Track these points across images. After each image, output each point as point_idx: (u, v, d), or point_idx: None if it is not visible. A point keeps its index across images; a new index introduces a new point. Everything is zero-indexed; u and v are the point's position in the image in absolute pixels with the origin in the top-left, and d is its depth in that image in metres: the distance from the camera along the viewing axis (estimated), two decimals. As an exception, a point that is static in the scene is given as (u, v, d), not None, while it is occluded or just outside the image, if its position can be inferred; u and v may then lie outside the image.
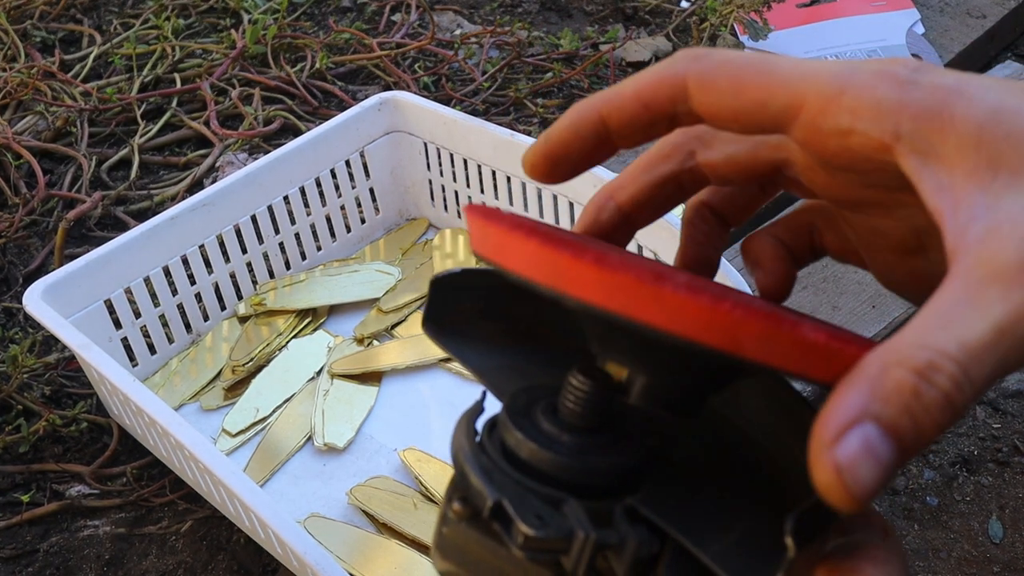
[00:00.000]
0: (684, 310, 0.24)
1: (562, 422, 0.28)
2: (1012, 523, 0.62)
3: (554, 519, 0.26)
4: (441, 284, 0.34)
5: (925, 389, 0.22)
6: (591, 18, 1.19)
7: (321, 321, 0.78)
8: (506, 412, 0.29)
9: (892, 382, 0.22)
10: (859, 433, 0.22)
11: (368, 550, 0.60)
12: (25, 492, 0.69)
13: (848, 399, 0.23)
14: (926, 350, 0.23)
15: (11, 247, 0.90)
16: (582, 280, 0.25)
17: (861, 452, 0.22)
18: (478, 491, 0.27)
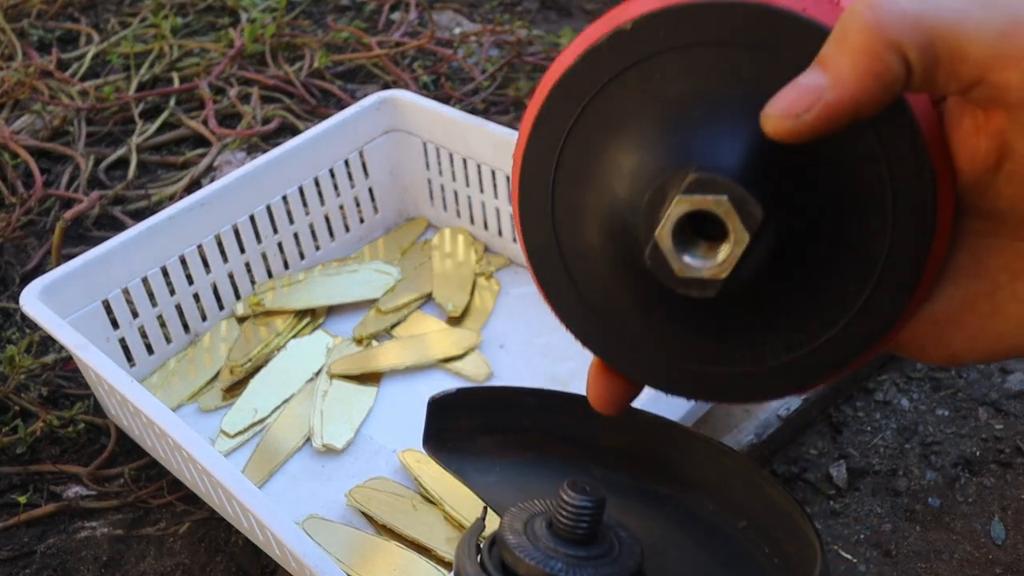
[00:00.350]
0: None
1: (557, 537, 0.30)
2: (1014, 524, 0.62)
3: None
4: (438, 404, 0.36)
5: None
6: (591, 16, 1.18)
7: (320, 321, 0.78)
8: (503, 531, 0.31)
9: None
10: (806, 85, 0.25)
11: (367, 551, 0.60)
12: (22, 493, 0.69)
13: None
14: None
15: (8, 247, 0.90)
16: None
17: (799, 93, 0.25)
18: None
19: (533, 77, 1.06)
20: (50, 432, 0.72)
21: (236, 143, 0.98)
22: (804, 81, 0.25)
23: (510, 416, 0.37)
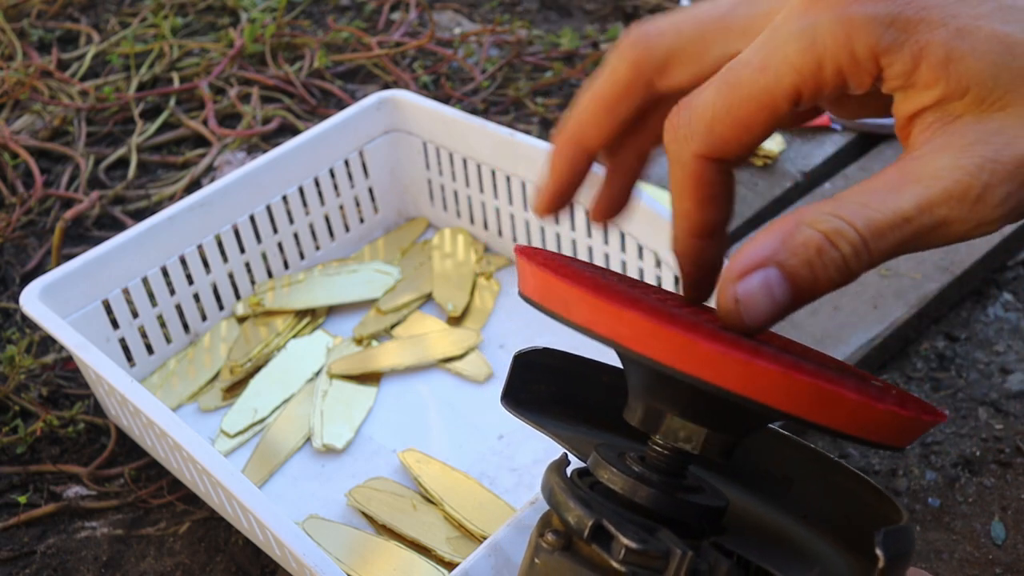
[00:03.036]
0: (725, 365, 0.25)
1: (651, 466, 0.31)
2: (1014, 524, 0.62)
3: (651, 540, 0.28)
4: (522, 361, 0.36)
5: (828, 249, 0.26)
6: (591, 16, 1.18)
7: (320, 321, 0.78)
8: (598, 455, 0.31)
9: (801, 238, 0.26)
10: (762, 274, 0.27)
11: (367, 551, 0.60)
12: (22, 493, 0.69)
13: (760, 245, 0.27)
14: (837, 219, 0.26)
15: (8, 247, 0.90)
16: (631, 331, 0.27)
17: (759, 289, 0.26)
18: (577, 517, 0.29)
19: (533, 77, 1.06)
20: (50, 432, 0.72)
21: (236, 143, 0.98)
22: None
23: (582, 390, 0.37)
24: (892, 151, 0.87)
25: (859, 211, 0.26)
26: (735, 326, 0.27)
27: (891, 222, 0.26)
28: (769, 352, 0.26)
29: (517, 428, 0.68)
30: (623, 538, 0.28)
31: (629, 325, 0.27)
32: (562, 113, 0.99)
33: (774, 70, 0.27)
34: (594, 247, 0.74)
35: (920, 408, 0.27)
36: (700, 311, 0.32)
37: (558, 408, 0.37)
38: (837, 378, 0.26)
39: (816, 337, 0.70)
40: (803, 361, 0.27)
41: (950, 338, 0.74)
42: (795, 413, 0.25)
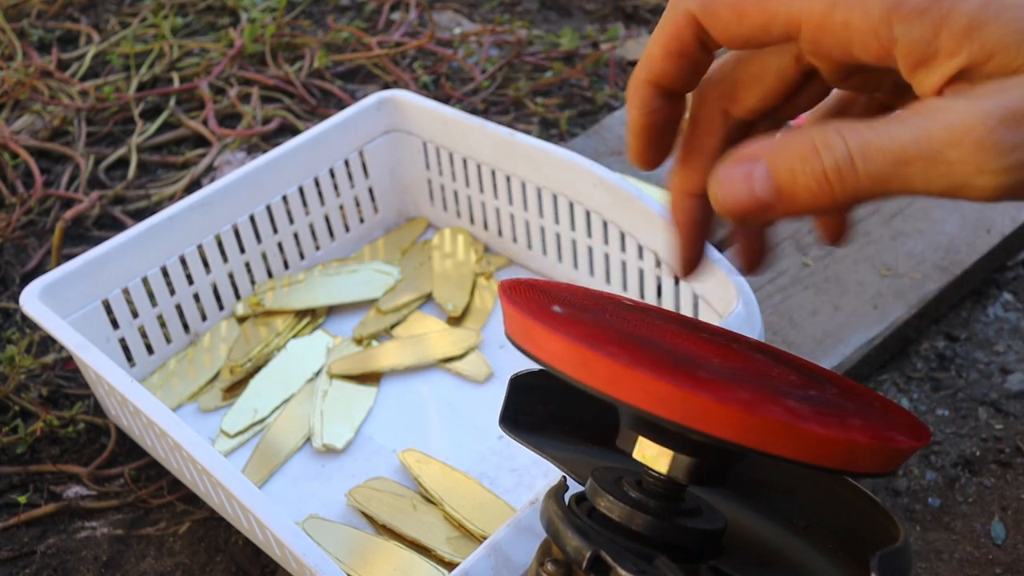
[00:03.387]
0: (703, 409, 0.26)
1: (647, 492, 0.31)
2: (1014, 524, 0.62)
3: (648, 569, 0.28)
4: (518, 384, 0.37)
5: (811, 158, 0.26)
6: (591, 16, 1.18)
7: (320, 321, 0.78)
8: (595, 482, 0.32)
9: (796, 144, 0.27)
10: (747, 166, 0.27)
11: (367, 552, 0.60)
12: (22, 493, 0.69)
13: (761, 141, 0.28)
14: (835, 133, 0.26)
15: (8, 247, 0.90)
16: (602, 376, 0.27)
17: (740, 177, 0.27)
18: (575, 548, 0.29)
19: (533, 77, 1.06)
20: (50, 432, 0.72)
21: (236, 143, 0.98)
22: None
23: (579, 409, 0.38)
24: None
25: (857, 129, 0.26)
26: (717, 209, 0.28)
27: (884, 146, 0.26)
28: (744, 392, 0.26)
29: (517, 428, 0.68)
30: (621, 570, 0.28)
31: (608, 373, 0.27)
32: (562, 113, 0.99)
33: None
34: (594, 247, 0.74)
35: (901, 430, 0.27)
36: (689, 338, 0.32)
37: (556, 428, 0.37)
38: (810, 411, 0.26)
39: (816, 337, 0.70)
40: (786, 394, 0.27)
41: (950, 338, 0.74)
42: (769, 451, 0.26)
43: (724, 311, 0.62)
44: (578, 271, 0.76)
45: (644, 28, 1.14)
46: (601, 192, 0.70)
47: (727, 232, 0.36)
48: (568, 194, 0.73)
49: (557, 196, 0.74)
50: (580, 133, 0.96)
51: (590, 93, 1.02)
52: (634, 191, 0.68)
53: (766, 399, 0.26)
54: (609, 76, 1.04)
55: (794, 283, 0.75)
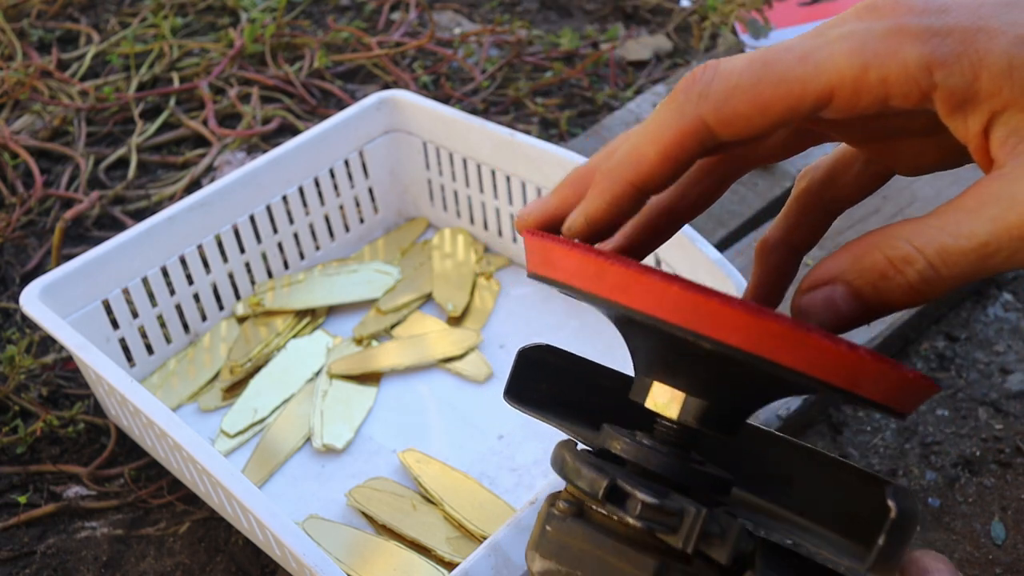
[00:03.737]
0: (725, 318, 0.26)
1: (660, 439, 0.31)
2: (1014, 524, 0.62)
3: (668, 493, 0.29)
4: (525, 358, 0.37)
5: (894, 275, 0.26)
6: (591, 17, 1.18)
7: (320, 321, 0.78)
8: (610, 428, 0.32)
9: (869, 261, 0.27)
10: (827, 290, 0.27)
11: (367, 551, 0.60)
12: (22, 493, 0.68)
13: (831, 264, 0.27)
14: (908, 245, 0.26)
15: (8, 247, 0.90)
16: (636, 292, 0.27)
17: (821, 303, 0.27)
18: (590, 480, 0.29)
19: (533, 77, 1.06)
20: (50, 432, 0.72)
21: (236, 143, 0.98)
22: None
23: (582, 391, 0.38)
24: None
25: (933, 236, 0.26)
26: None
27: (964, 248, 0.25)
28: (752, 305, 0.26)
29: (517, 428, 0.68)
30: (639, 494, 0.28)
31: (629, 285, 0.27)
32: (562, 113, 0.99)
33: (815, 63, 0.26)
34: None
35: (910, 371, 0.27)
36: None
37: (558, 407, 0.37)
38: (818, 330, 0.26)
39: (816, 337, 0.70)
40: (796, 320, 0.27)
41: (950, 338, 0.74)
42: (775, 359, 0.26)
43: (724, 311, 0.62)
44: (578, 271, 0.76)
45: (644, 28, 1.14)
46: (601, 192, 0.70)
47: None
48: (568, 194, 0.73)
49: (557, 196, 0.74)
50: (580, 133, 0.96)
51: (590, 93, 1.02)
52: (634, 191, 0.68)
53: (781, 317, 0.26)
54: (609, 76, 1.04)
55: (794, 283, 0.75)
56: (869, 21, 0.26)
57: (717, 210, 0.82)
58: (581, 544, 0.30)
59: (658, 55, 1.08)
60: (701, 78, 0.28)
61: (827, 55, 0.26)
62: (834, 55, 0.26)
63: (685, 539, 0.28)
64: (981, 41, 0.25)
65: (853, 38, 0.26)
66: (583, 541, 0.30)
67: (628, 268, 0.27)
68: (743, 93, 0.27)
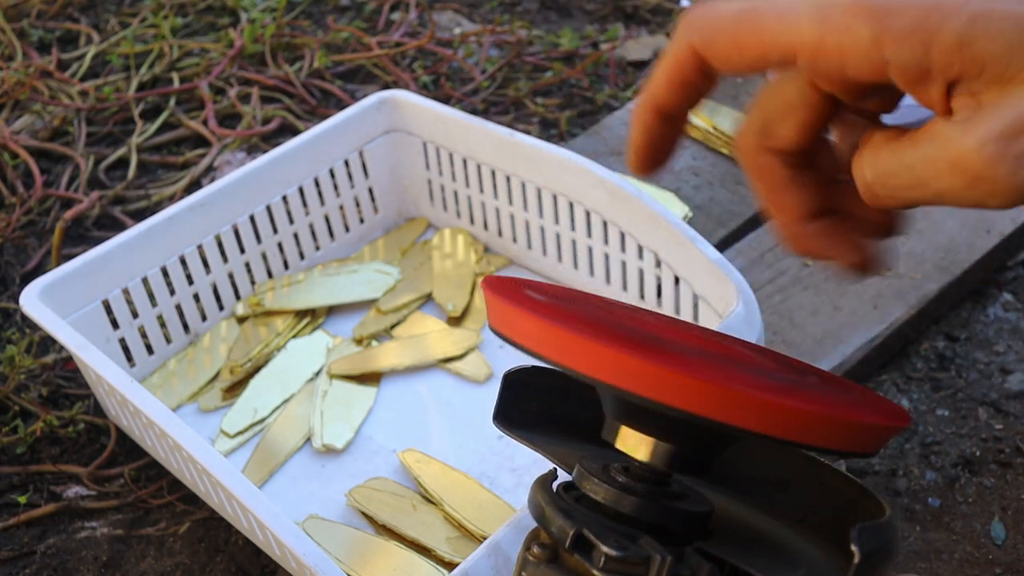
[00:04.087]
0: (670, 382, 0.26)
1: (633, 476, 0.31)
2: (1014, 524, 0.62)
3: (634, 548, 0.29)
4: (512, 380, 0.37)
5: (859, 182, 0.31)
6: (591, 17, 1.18)
7: (320, 321, 0.78)
8: (582, 467, 0.32)
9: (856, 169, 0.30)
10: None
11: (367, 551, 0.60)
12: (22, 493, 0.69)
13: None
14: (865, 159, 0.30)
15: (8, 247, 0.90)
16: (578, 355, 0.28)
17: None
18: (559, 527, 0.30)
19: (533, 77, 1.06)
20: (50, 432, 0.72)
21: (236, 143, 0.98)
22: None
23: (570, 406, 0.38)
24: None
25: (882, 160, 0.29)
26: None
27: (897, 176, 0.29)
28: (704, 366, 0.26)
29: (517, 428, 0.68)
30: (603, 546, 0.28)
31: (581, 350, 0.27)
32: (562, 113, 0.99)
33: (785, 24, 0.29)
34: (594, 247, 0.74)
35: (870, 411, 0.27)
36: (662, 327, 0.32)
37: (548, 426, 0.38)
38: (770, 385, 0.26)
39: (816, 337, 0.70)
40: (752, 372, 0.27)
41: (950, 338, 0.74)
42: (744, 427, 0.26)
43: (724, 311, 0.62)
44: (578, 271, 0.76)
45: (644, 28, 1.14)
46: (601, 192, 0.70)
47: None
48: (568, 194, 0.73)
49: (557, 196, 0.74)
50: (580, 133, 0.96)
51: (590, 93, 1.02)
52: (634, 191, 0.68)
53: (727, 373, 0.26)
54: (609, 76, 1.04)
55: (794, 283, 0.75)
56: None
57: (717, 210, 0.82)
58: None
59: (658, 55, 1.08)
60: (696, 12, 0.32)
61: (795, 17, 0.29)
62: (800, 19, 0.29)
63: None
64: (933, 19, 0.27)
65: (821, 7, 0.29)
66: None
67: (570, 332, 0.27)
68: (724, 32, 0.31)
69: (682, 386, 0.26)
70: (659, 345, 0.27)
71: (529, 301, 0.30)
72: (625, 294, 0.73)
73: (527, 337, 0.29)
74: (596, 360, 0.27)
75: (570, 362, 0.28)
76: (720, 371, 0.26)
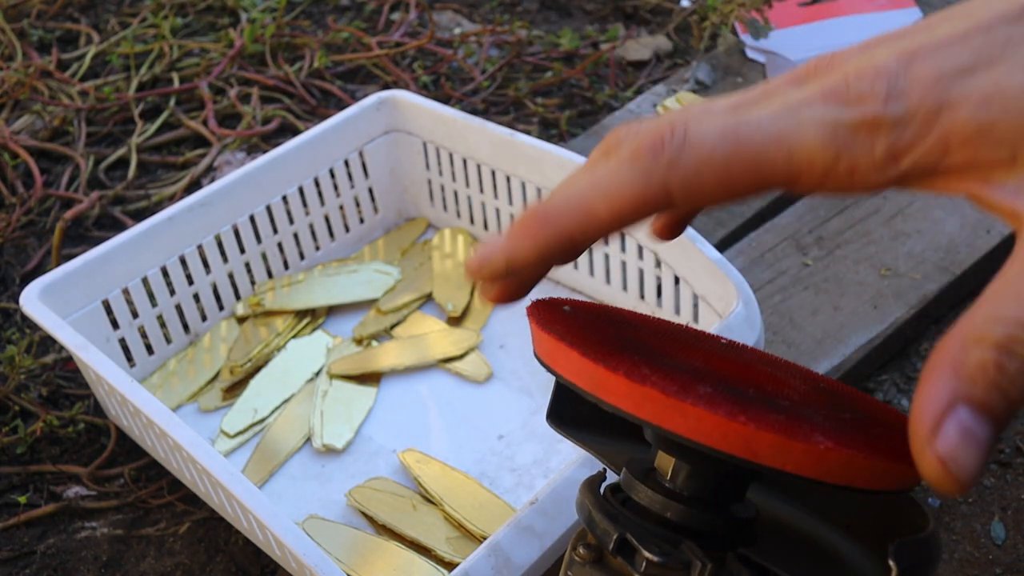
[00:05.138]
0: (703, 422, 0.26)
1: (679, 482, 0.31)
2: (1014, 524, 0.62)
3: (675, 553, 0.29)
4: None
5: (1008, 362, 0.23)
6: (591, 17, 1.18)
7: (320, 321, 0.78)
8: (628, 471, 0.32)
9: (974, 361, 0.23)
10: (954, 420, 0.23)
11: (367, 551, 0.60)
12: (22, 493, 0.69)
13: (937, 387, 0.24)
14: (1002, 323, 0.23)
15: (8, 247, 0.90)
16: (616, 392, 0.28)
17: (960, 439, 0.23)
18: (604, 530, 0.30)
19: (533, 77, 1.06)
20: (50, 432, 0.72)
21: (236, 143, 0.98)
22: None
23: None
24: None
25: (1019, 306, 0.24)
26: (951, 490, 0.24)
27: None
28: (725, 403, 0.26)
29: (517, 428, 0.68)
30: (644, 551, 0.29)
31: (613, 387, 0.28)
32: (562, 113, 0.99)
33: (788, 147, 0.26)
34: (594, 247, 0.73)
35: (856, 441, 0.27)
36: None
37: (599, 425, 0.38)
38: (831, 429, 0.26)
39: (816, 337, 0.70)
40: (792, 414, 0.27)
41: (950, 338, 0.74)
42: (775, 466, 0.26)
43: (724, 311, 0.62)
44: (578, 271, 0.76)
45: (644, 28, 1.14)
46: (601, 192, 0.70)
47: None
48: (568, 194, 0.73)
49: (557, 196, 0.74)
50: (580, 133, 0.96)
51: (590, 93, 1.02)
52: (634, 191, 0.68)
53: (765, 415, 0.26)
54: (609, 76, 1.04)
55: (794, 283, 0.75)
56: (838, 107, 0.26)
57: (717, 210, 0.82)
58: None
59: (658, 55, 1.08)
60: (671, 143, 0.27)
61: (800, 140, 0.26)
62: (806, 142, 0.26)
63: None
64: (945, 118, 0.25)
65: (825, 126, 0.26)
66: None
67: (605, 368, 0.28)
68: (713, 169, 0.27)
69: (719, 431, 0.26)
70: (694, 381, 0.27)
71: (573, 336, 0.30)
72: (625, 294, 0.73)
73: (573, 375, 0.30)
74: (632, 399, 0.27)
75: (606, 397, 0.28)
76: (758, 412, 0.26)
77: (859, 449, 0.25)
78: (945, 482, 0.24)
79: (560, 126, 0.97)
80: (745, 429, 0.25)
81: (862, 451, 0.25)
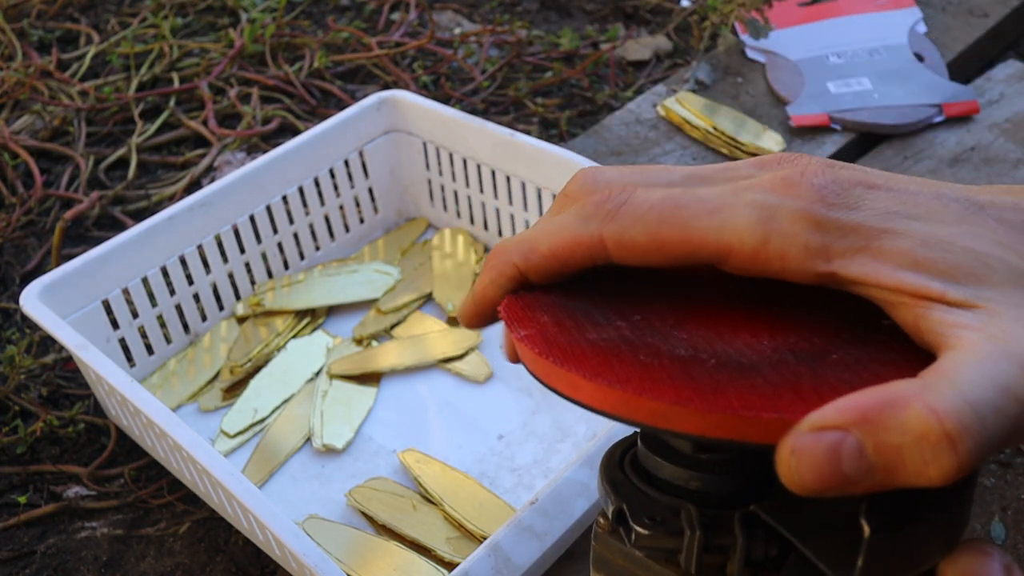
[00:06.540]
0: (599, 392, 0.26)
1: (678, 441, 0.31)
2: (1014, 524, 0.62)
3: (668, 522, 0.29)
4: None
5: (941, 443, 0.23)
6: (591, 17, 1.18)
7: (320, 321, 0.78)
8: (640, 437, 0.32)
9: (908, 421, 0.23)
10: (836, 436, 0.23)
11: (367, 551, 0.60)
12: (22, 493, 0.69)
13: (838, 406, 0.23)
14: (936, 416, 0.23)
15: (8, 247, 0.90)
16: (580, 391, 0.27)
17: (825, 453, 0.23)
18: (606, 501, 0.30)
19: (533, 77, 1.06)
20: (50, 432, 0.72)
21: (236, 143, 0.98)
22: None
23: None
24: (892, 151, 0.87)
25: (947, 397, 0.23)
26: (786, 480, 0.24)
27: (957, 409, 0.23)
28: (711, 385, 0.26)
29: (517, 428, 0.68)
30: (634, 525, 0.29)
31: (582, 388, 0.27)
32: (562, 113, 0.99)
33: (721, 221, 0.27)
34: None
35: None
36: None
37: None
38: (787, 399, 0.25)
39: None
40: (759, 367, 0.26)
41: (950, 338, 0.74)
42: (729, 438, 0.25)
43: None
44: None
45: (644, 28, 1.14)
46: (601, 192, 0.70)
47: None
48: (568, 194, 0.73)
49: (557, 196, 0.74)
50: (580, 133, 0.96)
51: (590, 93, 1.02)
52: (634, 191, 0.68)
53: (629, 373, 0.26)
54: (609, 76, 1.04)
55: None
56: (782, 197, 0.27)
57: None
58: (618, 559, 0.31)
59: (658, 55, 1.08)
60: (616, 198, 0.29)
61: (734, 216, 0.27)
62: (739, 219, 0.27)
63: (686, 562, 0.28)
64: (886, 241, 0.26)
65: (764, 209, 0.27)
66: (619, 556, 0.31)
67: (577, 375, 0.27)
68: (645, 227, 0.28)
69: (705, 416, 0.25)
70: (681, 364, 0.27)
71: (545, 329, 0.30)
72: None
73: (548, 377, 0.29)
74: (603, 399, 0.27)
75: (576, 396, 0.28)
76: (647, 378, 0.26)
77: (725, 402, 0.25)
78: (782, 469, 0.24)
79: (560, 126, 0.97)
80: (625, 395, 0.26)
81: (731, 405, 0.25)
